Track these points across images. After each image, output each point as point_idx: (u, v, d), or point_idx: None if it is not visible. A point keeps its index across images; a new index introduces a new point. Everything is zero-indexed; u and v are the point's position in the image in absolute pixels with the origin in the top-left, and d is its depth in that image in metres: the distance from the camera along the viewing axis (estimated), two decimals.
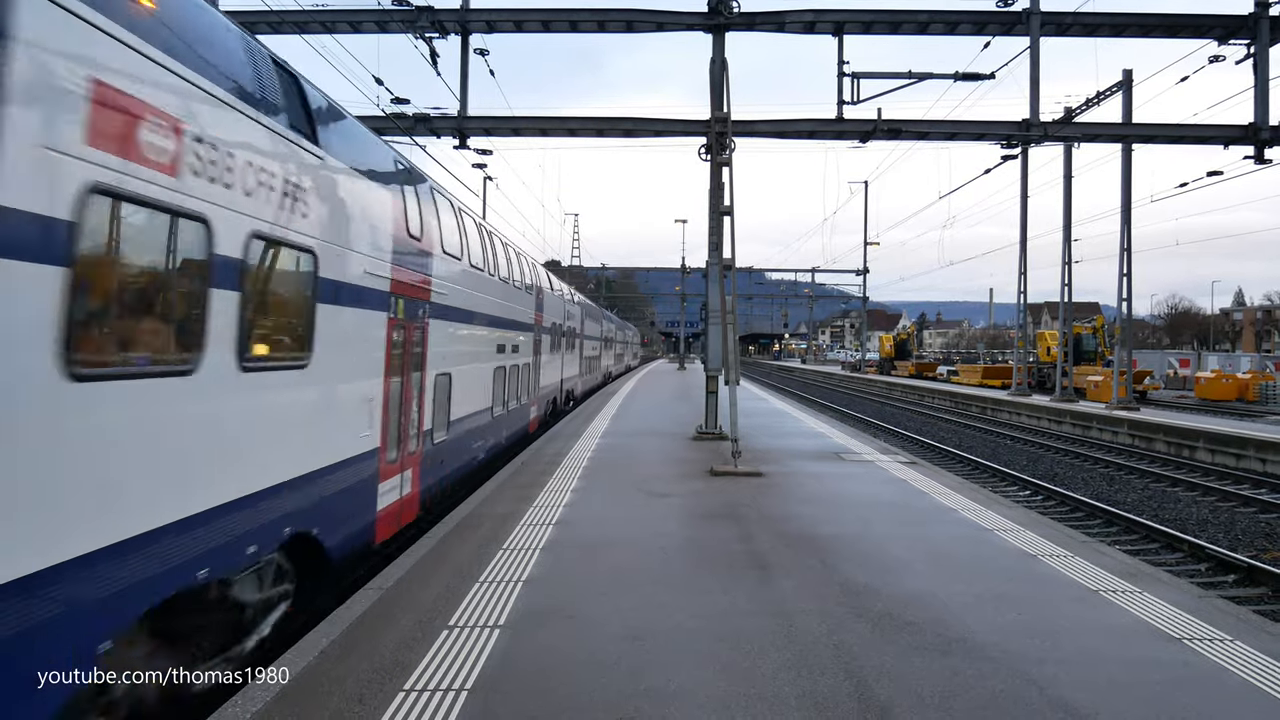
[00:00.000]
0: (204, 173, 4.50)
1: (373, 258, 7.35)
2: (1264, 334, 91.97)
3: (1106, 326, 39.75)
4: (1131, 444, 22.85)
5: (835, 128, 16.39)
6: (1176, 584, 7.02)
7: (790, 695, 4.47)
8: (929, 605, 6.05)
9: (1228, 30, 16.59)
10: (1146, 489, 16.25)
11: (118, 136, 3.77)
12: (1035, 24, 16.14)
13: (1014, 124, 16.59)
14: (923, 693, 4.53)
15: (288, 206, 5.60)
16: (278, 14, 15.14)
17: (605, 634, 5.36)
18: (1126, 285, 26.44)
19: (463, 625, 5.48)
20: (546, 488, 10.64)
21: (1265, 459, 18.24)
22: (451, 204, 11.13)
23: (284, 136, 5.64)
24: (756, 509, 9.52)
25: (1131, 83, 24.33)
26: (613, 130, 16.83)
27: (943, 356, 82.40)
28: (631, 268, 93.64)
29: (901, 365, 61.91)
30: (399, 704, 4.31)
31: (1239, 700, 4.57)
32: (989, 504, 10.26)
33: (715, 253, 15.67)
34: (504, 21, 16.25)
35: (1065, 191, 30.54)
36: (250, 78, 5.29)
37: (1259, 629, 5.76)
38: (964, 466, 18.71)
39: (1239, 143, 16.67)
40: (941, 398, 39.52)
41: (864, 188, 56.69)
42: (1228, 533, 12.45)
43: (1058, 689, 4.61)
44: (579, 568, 6.93)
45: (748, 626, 5.53)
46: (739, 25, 15.93)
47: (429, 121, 16.28)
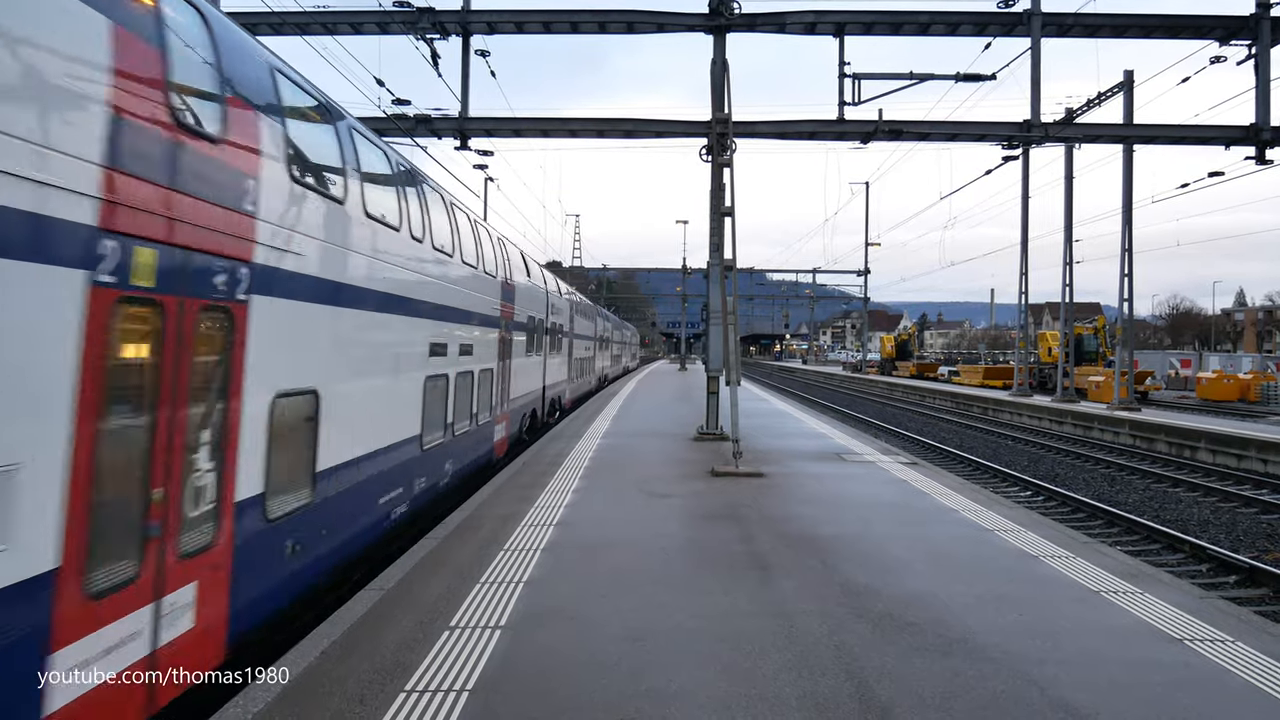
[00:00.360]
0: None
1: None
2: (1265, 334, 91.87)
3: (1108, 327, 39.68)
4: (1133, 444, 22.83)
5: (836, 129, 16.38)
6: (1178, 585, 7.01)
7: (791, 696, 4.48)
8: (930, 606, 6.05)
9: (1229, 31, 16.58)
10: (1148, 490, 16.24)
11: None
12: (1036, 25, 16.14)
13: (1015, 125, 16.58)
14: (923, 693, 4.53)
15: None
16: (279, 15, 15.16)
17: (606, 635, 5.37)
18: (1128, 286, 26.41)
19: (464, 626, 5.48)
20: (547, 488, 10.65)
21: (1267, 459, 18.22)
22: (324, 105, 7.14)
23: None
24: (757, 509, 9.52)
25: (1133, 83, 24.32)
26: (614, 131, 16.83)
27: (944, 357, 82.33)
28: (633, 268, 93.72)
29: (903, 366, 61.87)
30: (400, 704, 4.31)
31: (1240, 701, 4.57)
32: (990, 504, 10.26)
33: (716, 253, 15.67)
34: (505, 23, 16.26)
35: (1066, 192, 30.53)
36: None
37: (1260, 630, 5.75)
38: (965, 467, 18.69)
39: (1240, 143, 16.66)
40: (942, 398, 39.49)
41: (865, 189, 56.66)
42: (1229, 534, 12.43)
43: (1059, 690, 4.61)
44: (580, 568, 6.94)
45: (749, 627, 5.53)
46: (740, 26, 15.93)
47: (430, 123, 16.29)
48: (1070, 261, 30.55)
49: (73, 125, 3.64)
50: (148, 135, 4.17)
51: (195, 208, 4.57)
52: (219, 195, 4.85)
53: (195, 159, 4.60)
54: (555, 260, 65.83)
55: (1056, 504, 14.49)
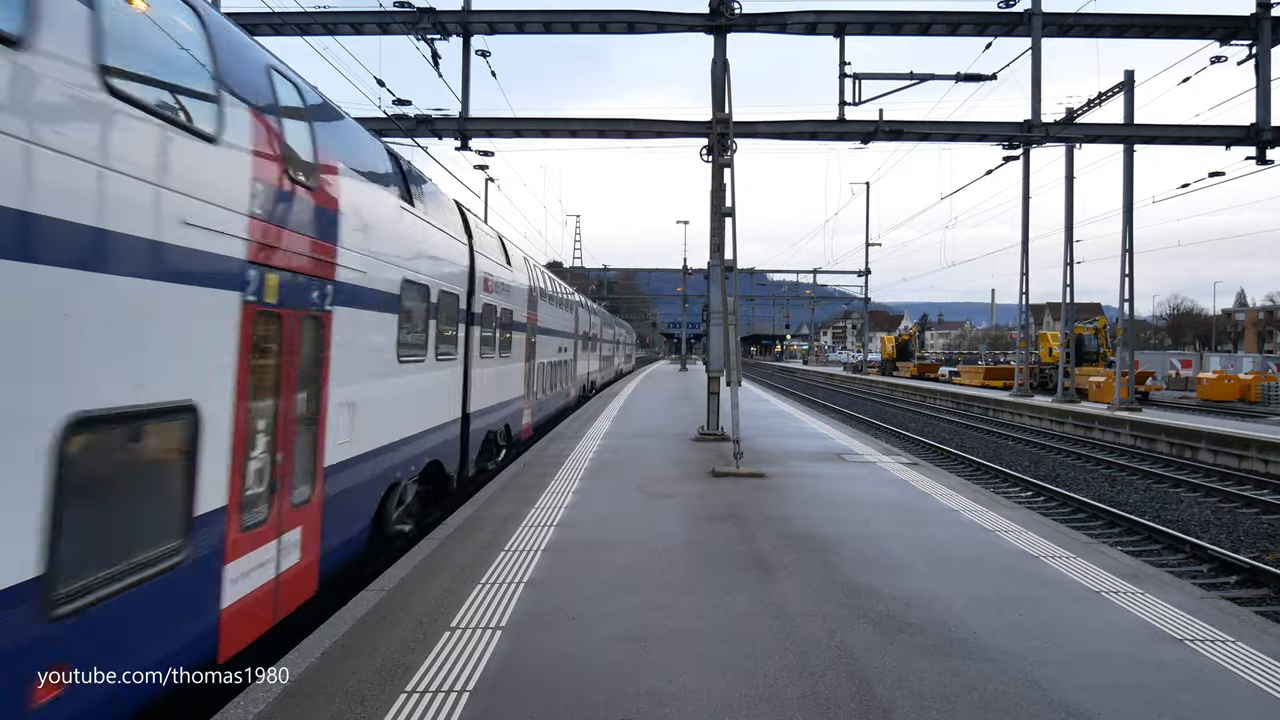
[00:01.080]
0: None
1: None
2: (1266, 335, 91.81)
3: (1108, 327, 39.68)
4: (1133, 445, 22.82)
5: (837, 129, 16.38)
6: (1178, 585, 7.01)
7: (792, 696, 4.48)
8: (931, 606, 6.04)
9: (1229, 31, 16.58)
10: (1148, 490, 16.23)
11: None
12: (1037, 25, 16.13)
13: (1016, 125, 16.58)
14: (924, 694, 4.53)
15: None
16: (280, 15, 15.17)
17: (607, 635, 5.37)
18: (1128, 286, 26.41)
19: (465, 626, 5.48)
20: (548, 489, 10.65)
21: (1267, 460, 18.21)
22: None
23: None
24: (758, 510, 9.52)
25: (1133, 84, 24.32)
26: (614, 131, 16.84)
27: (945, 357, 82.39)
28: (633, 269, 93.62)
29: (903, 366, 61.87)
30: (401, 705, 4.31)
31: (1241, 701, 4.56)
32: (991, 505, 10.25)
33: (717, 254, 15.67)
34: (505, 23, 16.27)
35: (1067, 192, 30.53)
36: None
37: (1261, 630, 5.75)
38: (966, 467, 18.69)
39: (1241, 143, 16.66)
40: (943, 399, 39.49)
41: (865, 189, 56.64)
42: (1230, 534, 12.42)
43: (1059, 690, 4.61)
44: (581, 569, 6.94)
45: (750, 627, 5.53)
46: (740, 26, 15.93)
47: (431, 123, 16.30)
48: (1071, 262, 30.55)
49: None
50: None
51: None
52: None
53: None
54: (556, 260, 65.77)
55: (1057, 504, 14.49)
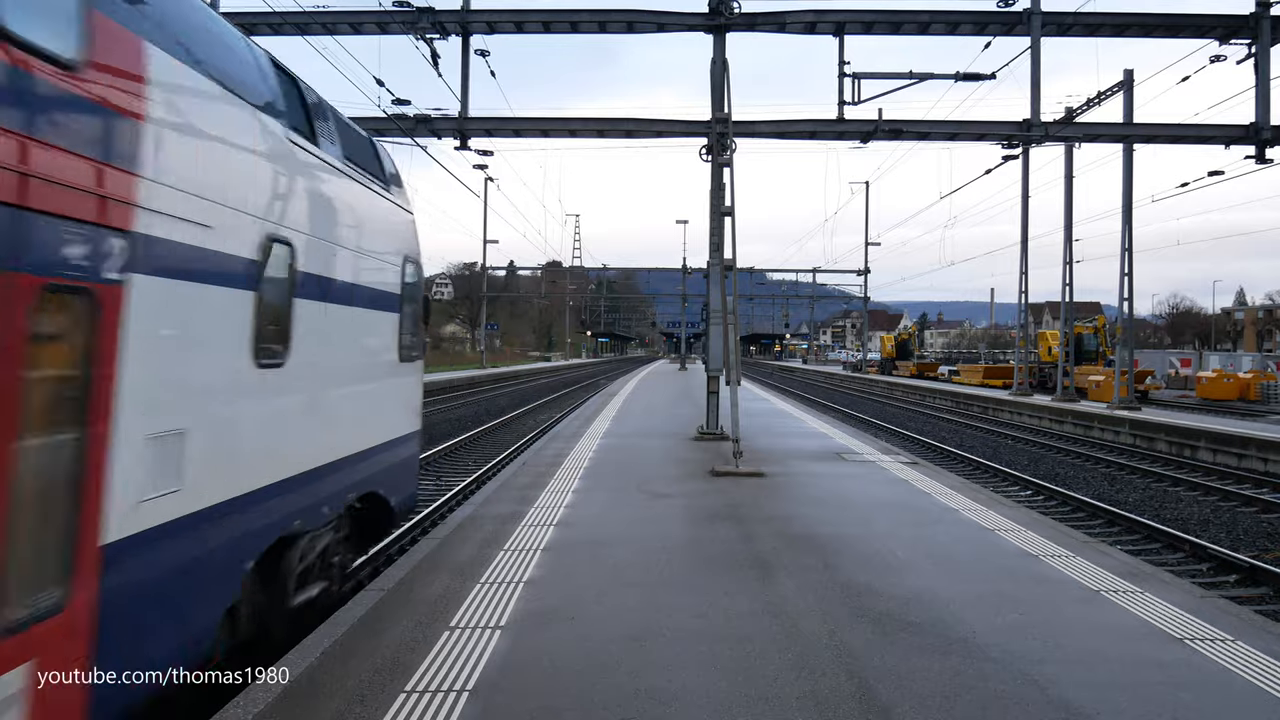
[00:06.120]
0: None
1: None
2: (1265, 333, 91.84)
3: (1108, 326, 39.69)
4: (1133, 444, 22.82)
5: (836, 128, 16.37)
6: (1178, 584, 7.01)
7: (792, 696, 4.47)
8: (931, 605, 6.04)
9: (1229, 30, 16.57)
10: (1148, 489, 16.23)
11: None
12: (1036, 24, 16.12)
13: (1015, 124, 16.57)
14: (924, 693, 4.53)
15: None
16: (279, 15, 15.15)
17: (607, 634, 5.36)
18: (1128, 285, 26.41)
19: (464, 626, 5.48)
20: (547, 488, 10.64)
21: (1267, 459, 18.21)
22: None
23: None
24: (758, 509, 9.52)
25: (1133, 83, 24.33)
26: (614, 131, 16.83)
27: (944, 356, 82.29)
28: (633, 268, 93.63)
29: (903, 365, 61.83)
30: (400, 705, 4.31)
31: (1241, 701, 4.56)
32: (990, 504, 10.25)
33: (716, 253, 15.67)
34: (505, 22, 16.25)
35: (1066, 191, 30.54)
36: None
37: (1261, 629, 5.75)
38: (965, 467, 18.68)
39: (1240, 142, 16.64)
40: (943, 398, 39.48)
41: (865, 188, 56.68)
42: (1229, 533, 12.42)
43: (1059, 689, 4.61)
44: (580, 568, 6.93)
45: (749, 627, 5.53)
46: (740, 26, 15.92)
47: (430, 123, 16.28)
48: (1070, 261, 30.56)
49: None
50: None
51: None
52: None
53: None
54: (556, 260, 65.71)
55: (1057, 503, 14.48)
